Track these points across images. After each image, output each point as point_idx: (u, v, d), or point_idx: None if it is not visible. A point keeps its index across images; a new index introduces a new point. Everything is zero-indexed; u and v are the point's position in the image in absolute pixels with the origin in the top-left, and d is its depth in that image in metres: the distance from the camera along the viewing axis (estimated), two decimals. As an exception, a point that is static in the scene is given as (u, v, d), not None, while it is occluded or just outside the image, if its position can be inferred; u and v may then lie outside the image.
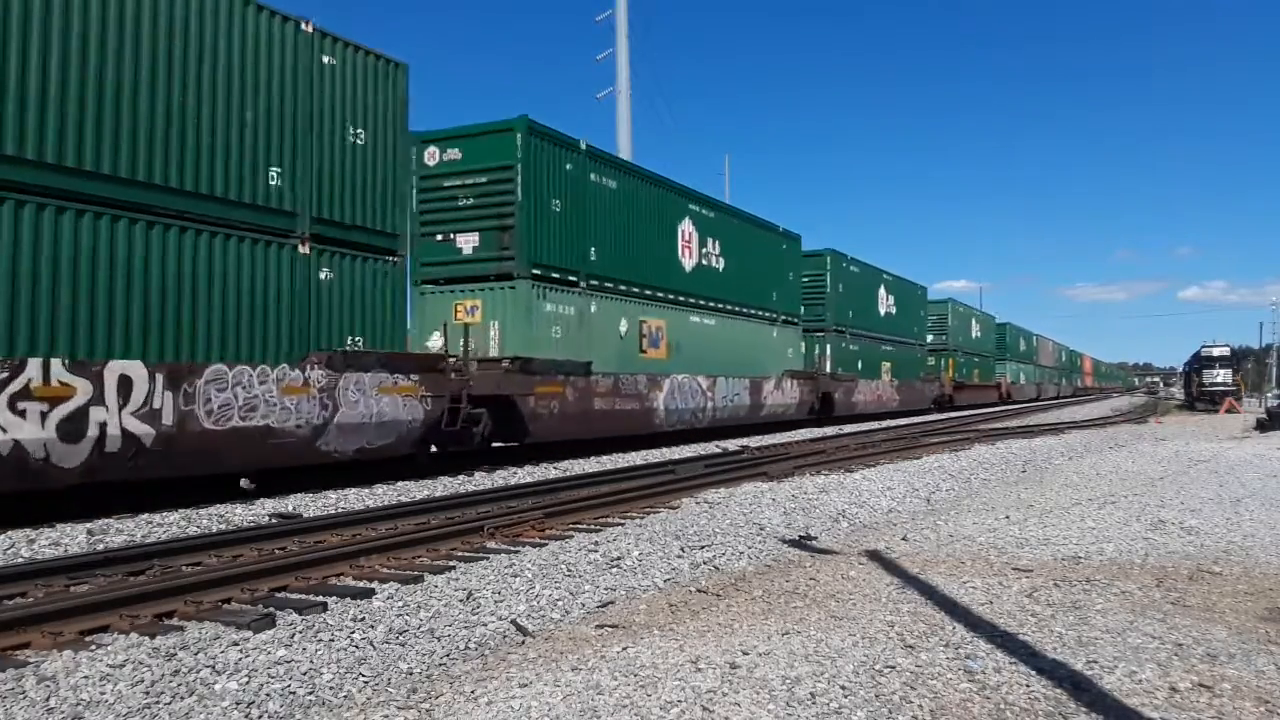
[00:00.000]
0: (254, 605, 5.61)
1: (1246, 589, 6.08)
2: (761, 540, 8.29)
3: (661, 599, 6.08)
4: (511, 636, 5.32)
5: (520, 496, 10.52)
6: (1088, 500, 10.69)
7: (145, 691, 4.13)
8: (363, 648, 4.92)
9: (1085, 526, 8.79)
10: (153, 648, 4.67)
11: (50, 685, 4.14)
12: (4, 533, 7.99)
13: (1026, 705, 3.87)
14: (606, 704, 3.88)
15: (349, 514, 9.19)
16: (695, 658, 4.48)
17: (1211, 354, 53.83)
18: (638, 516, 9.34)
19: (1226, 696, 3.97)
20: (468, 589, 6.13)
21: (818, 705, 3.85)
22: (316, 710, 4.11)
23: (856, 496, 11.03)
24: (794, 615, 5.42)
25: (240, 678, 4.36)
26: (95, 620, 5.14)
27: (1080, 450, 19.14)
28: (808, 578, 6.49)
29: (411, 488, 11.82)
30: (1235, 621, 5.22)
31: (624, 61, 28.27)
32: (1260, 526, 8.72)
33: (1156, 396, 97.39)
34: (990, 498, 11.25)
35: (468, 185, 15.68)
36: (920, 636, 4.88)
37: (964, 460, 15.77)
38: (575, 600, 6.13)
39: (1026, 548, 7.76)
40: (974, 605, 5.59)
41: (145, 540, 7.91)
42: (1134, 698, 3.95)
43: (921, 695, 3.96)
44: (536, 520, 8.63)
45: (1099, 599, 5.77)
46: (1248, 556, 7.29)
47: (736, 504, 10.05)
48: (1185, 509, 9.80)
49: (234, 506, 9.88)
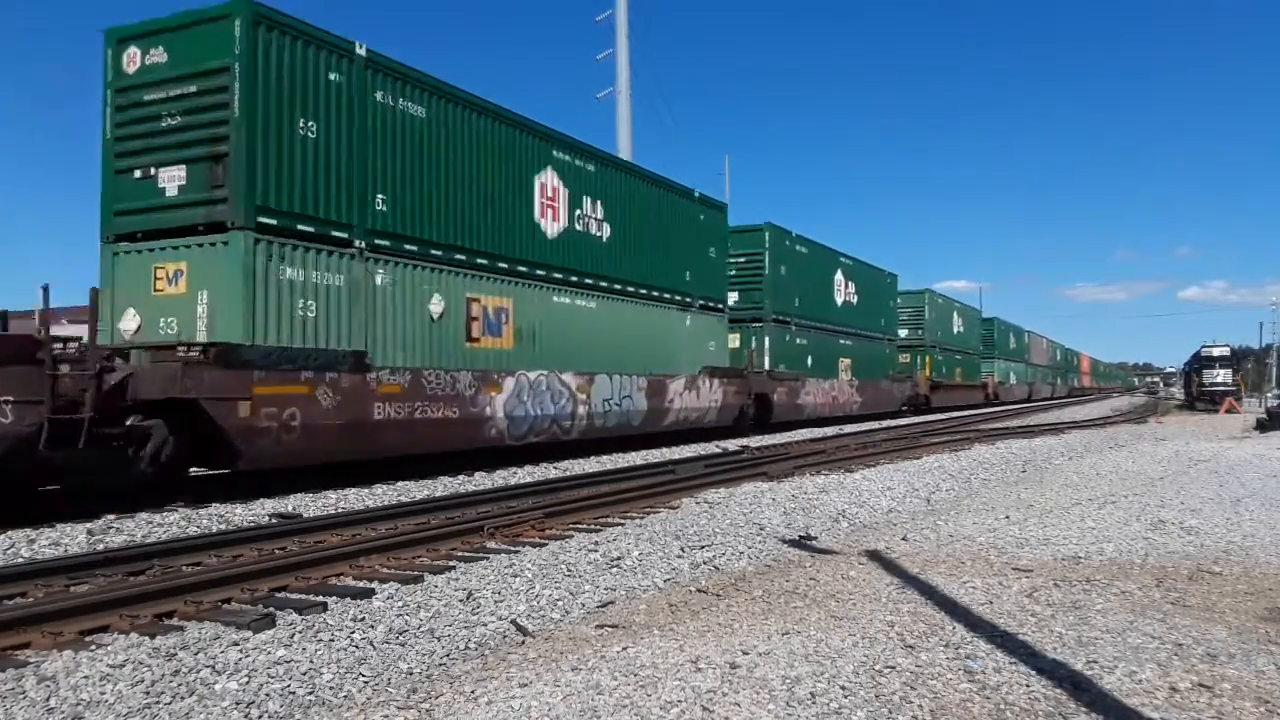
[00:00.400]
0: (254, 605, 5.61)
1: (1246, 589, 6.08)
2: (761, 540, 8.29)
3: (661, 599, 6.08)
4: (511, 636, 5.32)
5: (520, 496, 10.52)
6: (1088, 500, 10.69)
7: (145, 691, 4.13)
8: (363, 648, 4.92)
9: (1085, 526, 8.80)
10: (153, 648, 4.67)
11: (50, 685, 4.14)
12: (4, 533, 7.99)
13: (1026, 705, 3.87)
14: (606, 704, 3.88)
15: (349, 514, 9.19)
16: (695, 658, 4.48)
17: (1211, 354, 53.85)
18: (638, 516, 9.34)
19: (1226, 696, 3.97)
20: (468, 589, 6.13)
21: (818, 705, 3.85)
22: (316, 710, 4.11)
23: (856, 496, 11.04)
24: (794, 615, 5.42)
25: (240, 678, 4.36)
26: (95, 620, 5.14)
27: (1080, 450, 19.13)
28: (808, 578, 6.49)
29: (411, 488, 11.83)
30: (1235, 621, 5.22)
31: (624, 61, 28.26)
32: (1260, 526, 8.72)
33: (1156, 396, 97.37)
34: (990, 498, 11.26)
35: (173, 98, 11.40)
36: (920, 636, 4.88)
37: (964, 460, 15.77)
38: (575, 600, 6.13)
39: (1026, 548, 7.76)
40: (974, 605, 5.59)
41: (145, 540, 7.91)
42: (1134, 698, 3.95)
43: (921, 695, 3.96)
44: (536, 520, 8.64)
45: (1099, 599, 5.77)
46: (1248, 556, 7.29)
47: (736, 504, 10.05)
48: (1185, 509, 9.80)
49: (234, 507, 9.88)
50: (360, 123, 12.40)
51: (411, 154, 13.21)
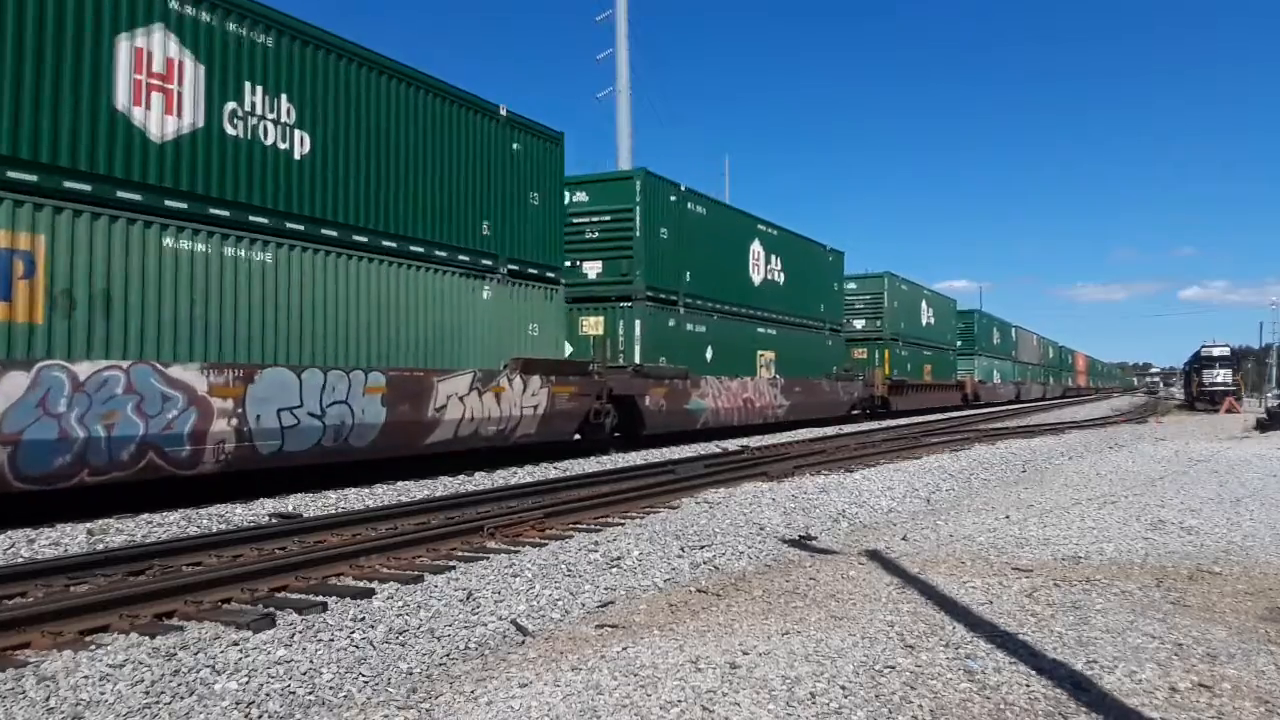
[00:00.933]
0: (254, 605, 5.61)
1: (1246, 589, 6.08)
2: (761, 540, 8.30)
3: (661, 599, 6.08)
4: (511, 636, 5.32)
5: (520, 496, 10.52)
6: (1088, 500, 10.70)
7: (145, 691, 4.14)
8: (363, 648, 4.92)
9: (1085, 526, 8.80)
10: (153, 648, 4.67)
11: (50, 685, 4.14)
12: (4, 533, 7.99)
13: (1026, 705, 3.87)
14: (606, 704, 3.88)
15: (349, 514, 9.19)
16: (695, 658, 4.48)
17: (1211, 354, 53.91)
18: (638, 516, 9.34)
19: (1226, 696, 3.97)
20: (468, 589, 6.13)
21: (818, 705, 3.85)
22: (316, 710, 4.11)
23: (856, 496, 11.04)
24: (794, 615, 5.42)
25: (240, 678, 4.36)
26: (95, 620, 5.14)
27: (1080, 450, 19.13)
28: (808, 578, 6.49)
29: (411, 487, 11.82)
30: (1235, 621, 5.23)
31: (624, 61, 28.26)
32: (1260, 526, 8.72)
33: (1156, 396, 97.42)
34: (990, 497, 11.26)
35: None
36: (920, 636, 4.88)
37: (964, 460, 15.77)
38: (575, 600, 6.13)
39: (1026, 548, 7.76)
40: (974, 605, 5.59)
41: (145, 540, 7.91)
42: (1134, 698, 3.96)
43: (921, 695, 3.96)
44: (536, 520, 8.64)
45: (1099, 599, 5.77)
46: (1248, 556, 7.29)
47: (736, 504, 10.05)
48: (1185, 509, 9.81)
49: (234, 506, 9.88)
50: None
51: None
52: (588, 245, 19.13)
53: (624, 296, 18.79)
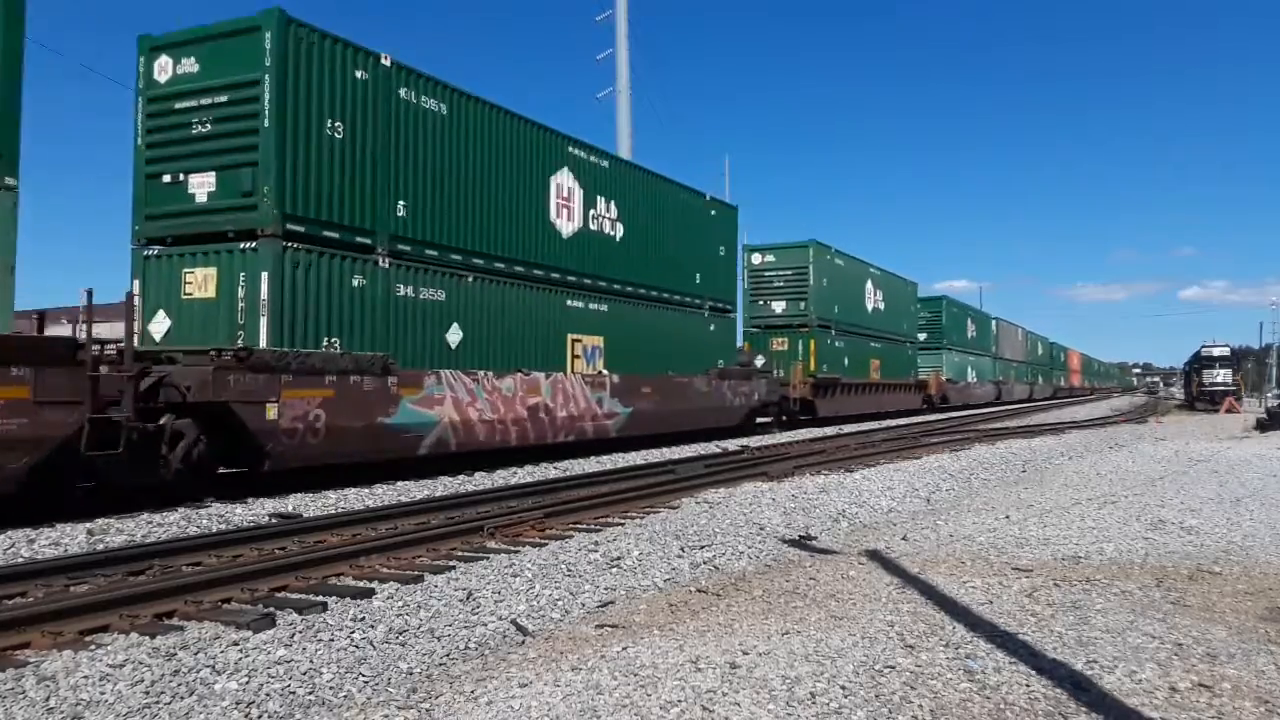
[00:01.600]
0: (254, 605, 5.61)
1: (1246, 589, 6.08)
2: (761, 540, 8.30)
3: (661, 599, 6.08)
4: (511, 636, 5.32)
5: (520, 496, 10.52)
6: (1088, 500, 10.70)
7: (145, 691, 4.14)
8: (363, 647, 4.92)
9: (1085, 526, 8.80)
10: (153, 647, 4.67)
11: (50, 685, 4.14)
12: (4, 533, 7.99)
13: (1026, 705, 3.87)
14: (606, 704, 3.88)
15: (349, 514, 9.19)
16: (695, 657, 4.48)
17: (1211, 354, 53.90)
18: (638, 516, 9.34)
19: (1226, 696, 3.97)
20: (468, 589, 6.13)
21: (818, 705, 3.85)
22: (316, 710, 4.11)
23: (856, 496, 11.04)
24: (794, 615, 5.42)
25: (240, 677, 4.36)
26: (95, 620, 5.14)
27: (1080, 450, 19.14)
28: (808, 578, 6.49)
29: (411, 487, 11.83)
30: (1235, 621, 5.23)
31: (624, 61, 28.27)
32: (1260, 526, 8.72)
33: (1156, 396, 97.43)
34: (990, 497, 11.26)
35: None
36: (920, 636, 4.88)
37: (964, 460, 15.77)
38: (575, 600, 6.13)
39: (1026, 548, 7.76)
40: (974, 605, 5.59)
41: (145, 540, 7.91)
42: (1134, 698, 3.96)
43: (921, 695, 3.96)
44: (536, 520, 8.64)
45: (1099, 599, 5.77)
46: (1247, 556, 7.29)
47: (736, 504, 10.05)
48: (1185, 509, 9.81)
49: (234, 507, 9.87)
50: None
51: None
52: (195, 147, 11.70)
53: (245, 232, 11.36)
